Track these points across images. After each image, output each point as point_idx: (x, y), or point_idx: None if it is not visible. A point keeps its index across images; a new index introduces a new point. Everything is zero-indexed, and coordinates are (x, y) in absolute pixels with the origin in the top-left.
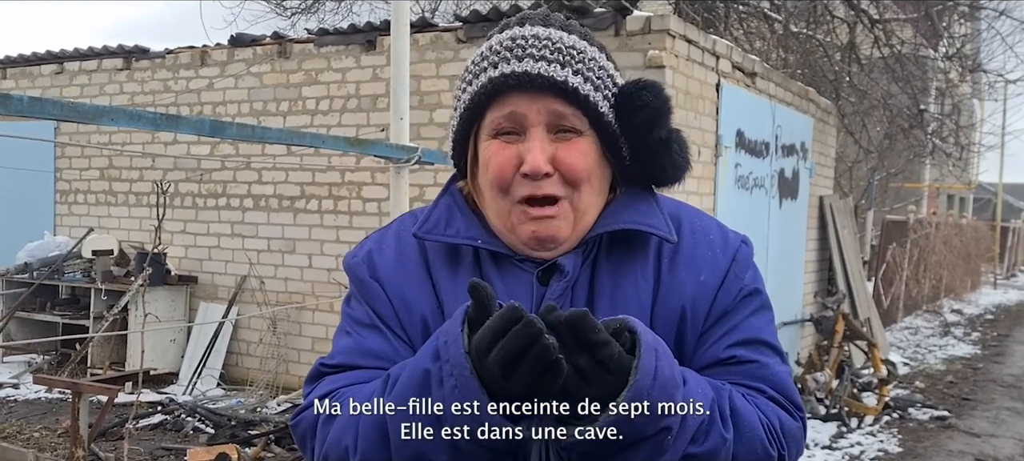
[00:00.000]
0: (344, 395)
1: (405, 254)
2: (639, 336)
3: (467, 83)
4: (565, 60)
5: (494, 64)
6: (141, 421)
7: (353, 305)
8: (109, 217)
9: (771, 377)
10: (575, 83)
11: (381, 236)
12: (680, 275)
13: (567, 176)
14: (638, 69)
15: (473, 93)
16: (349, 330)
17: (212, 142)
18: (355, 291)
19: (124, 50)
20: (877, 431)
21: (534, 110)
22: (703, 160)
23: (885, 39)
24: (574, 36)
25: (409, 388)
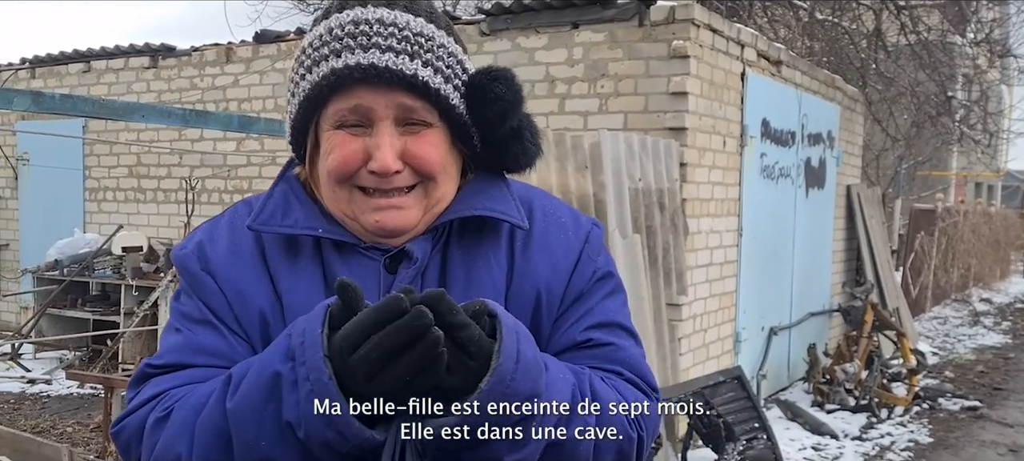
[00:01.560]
0: (175, 397)
1: (239, 245)
2: (499, 318)
3: (306, 68)
4: (414, 50)
5: (336, 52)
6: None
7: (183, 300)
8: (138, 214)
9: (628, 359)
10: (425, 76)
11: (213, 226)
12: (533, 258)
13: (420, 169)
14: (663, 60)
15: (313, 83)
16: (179, 327)
17: (238, 138)
18: (185, 285)
19: (151, 48)
20: (907, 421)
21: (382, 104)
22: (728, 150)
23: (912, 25)
24: (421, 20)
25: (256, 390)
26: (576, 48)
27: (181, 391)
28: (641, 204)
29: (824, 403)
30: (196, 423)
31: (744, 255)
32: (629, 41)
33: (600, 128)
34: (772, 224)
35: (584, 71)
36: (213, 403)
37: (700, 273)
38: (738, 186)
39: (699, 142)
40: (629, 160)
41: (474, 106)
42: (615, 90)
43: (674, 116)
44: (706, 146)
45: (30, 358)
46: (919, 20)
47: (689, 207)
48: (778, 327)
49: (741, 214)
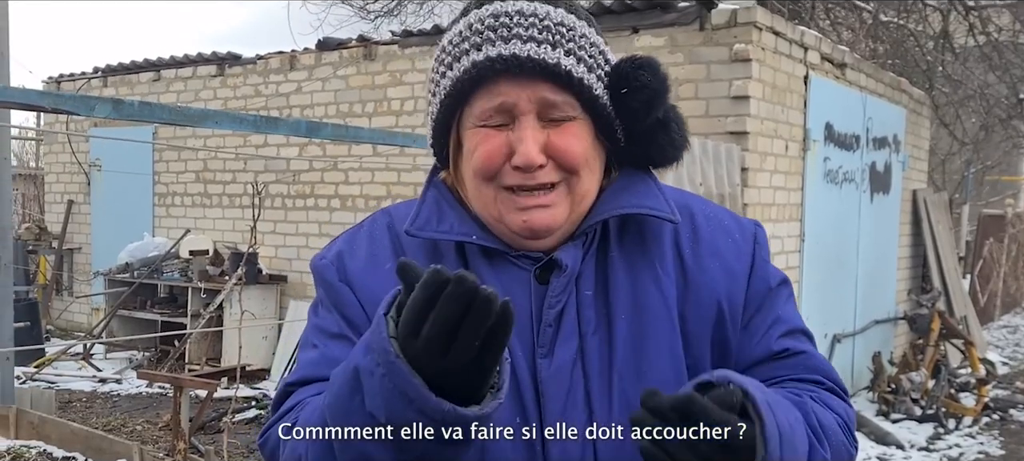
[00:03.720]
0: (303, 407)
1: (378, 256)
2: (749, 392)
3: (446, 66)
4: (556, 39)
5: (477, 46)
6: (236, 416)
7: (321, 314)
8: (204, 218)
9: (821, 367)
10: (568, 65)
11: (352, 236)
12: (706, 265)
13: (563, 163)
14: (724, 63)
15: (455, 79)
16: (315, 342)
17: (300, 144)
18: (323, 296)
19: (218, 57)
20: (976, 433)
21: (524, 97)
22: (791, 154)
23: (981, 26)
24: (561, 10)
25: (343, 386)
26: (636, 53)
27: (310, 401)
28: None
29: (889, 413)
30: (310, 429)
31: (807, 261)
32: (690, 45)
33: None
34: (836, 229)
35: None
36: (318, 405)
37: None
38: (801, 191)
39: (761, 146)
40: (690, 165)
41: (618, 96)
42: (675, 94)
43: (735, 120)
44: (768, 150)
45: (101, 358)
46: (989, 20)
47: (751, 212)
48: (842, 334)
49: (804, 219)
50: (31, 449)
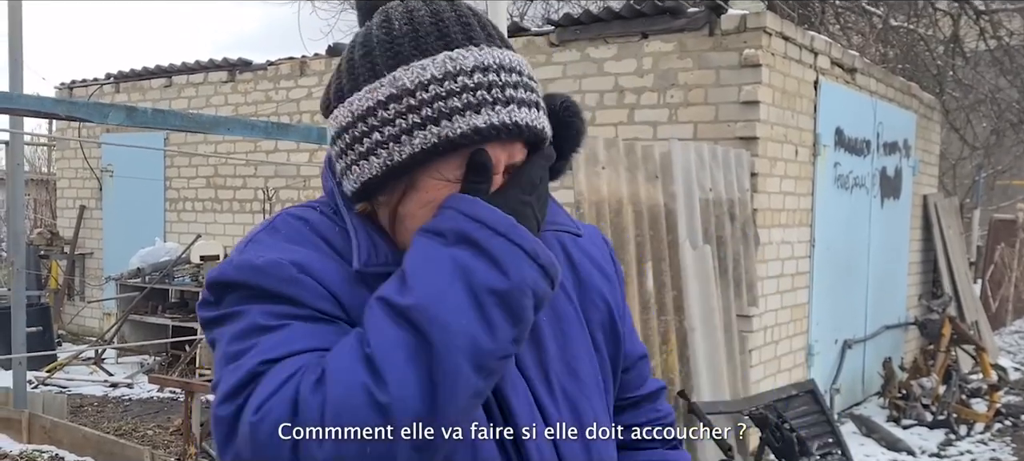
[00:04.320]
0: (322, 362)
1: (322, 250)
2: None
3: (426, 118)
4: (537, 98)
5: (473, 106)
6: None
7: (253, 312)
8: (215, 224)
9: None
10: (547, 127)
11: (274, 244)
12: (591, 271)
13: None
14: (733, 69)
15: (447, 138)
16: (269, 324)
17: (311, 150)
18: (266, 291)
19: (228, 63)
20: (988, 439)
21: (503, 158)
22: (801, 160)
23: (992, 31)
24: (510, 52)
25: (439, 277)
26: (645, 58)
27: (325, 357)
28: (712, 214)
29: (900, 419)
30: (371, 353)
31: (817, 266)
32: (699, 50)
33: (670, 138)
34: (846, 235)
35: (654, 81)
36: (386, 326)
37: (771, 284)
38: (811, 196)
39: (771, 151)
40: (699, 170)
41: (557, 135)
42: (685, 100)
43: (745, 125)
44: (778, 155)
45: (112, 363)
46: (1000, 25)
47: (760, 217)
48: (852, 340)
49: (814, 224)
50: (43, 454)
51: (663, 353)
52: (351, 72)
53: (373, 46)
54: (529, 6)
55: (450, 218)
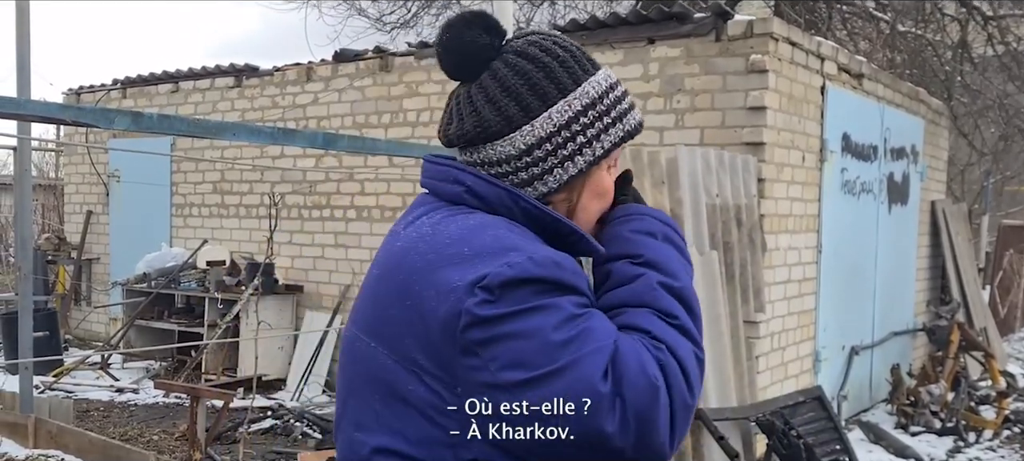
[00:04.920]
0: (664, 336)
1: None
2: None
3: (614, 117)
4: None
5: (632, 106)
6: (253, 426)
7: (564, 301)
8: (221, 229)
9: None
10: None
11: (519, 242)
12: None
13: None
14: (740, 74)
15: (628, 130)
16: (581, 313)
17: (317, 155)
18: (570, 284)
19: (235, 69)
20: (997, 446)
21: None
22: (808, 165)
23: (1000, 36)
24: None
25: (679, 266)
26: (652, 63)
27: (652, 338)
28: (718, 220)
29: (908, 425)
30: (684, 324)
31: (824, 272)
32: (706, 56)
33: (677, 144)
34: (853, 241)
35: (660, 86)
36: (675, 305)
37: (778, 290)
38: (818, 202)
39: (777, 157)
40: (706, 175)
41: None
42: (691, 105)
43: (752, 131)
44: (785, 161)
45: (118, 368)
46: (1007, 30)
47: (767, 223)
48: (860, 346)
49: (821, 230)
50: (49, 459)
51: None
52: (533, 94)
53: (551, 71)
54: (536, 11)
55: (651, 223)
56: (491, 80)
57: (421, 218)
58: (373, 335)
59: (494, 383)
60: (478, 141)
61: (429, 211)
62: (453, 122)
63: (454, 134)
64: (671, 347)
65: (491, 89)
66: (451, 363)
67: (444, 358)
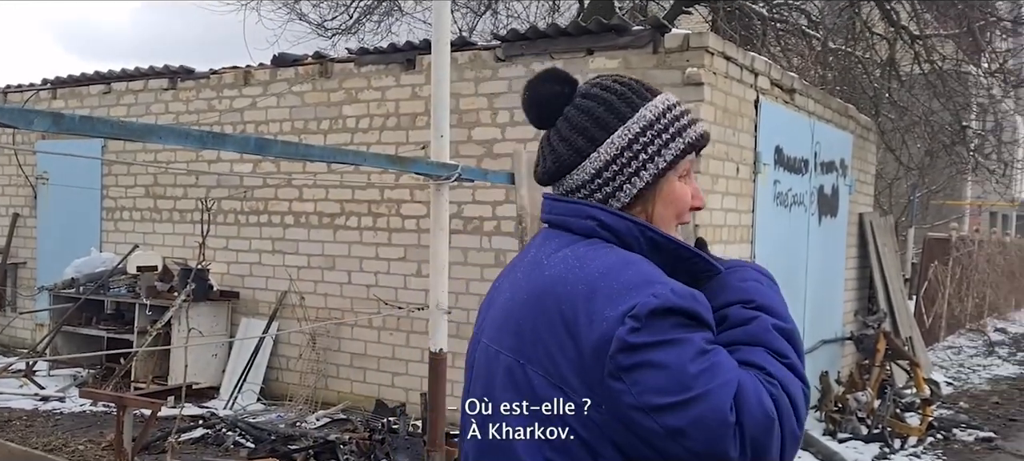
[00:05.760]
0: (773, 379)
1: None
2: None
3: (672, 133)
4: None
5: (693, 121)
6: (183, 435)
7: (696, 336)
8: (153, 234)
9: None
10: None
11: (660, 276)
12: None
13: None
14: (677, 87)
15: (689, 142)
16: (710, 349)
17: (254, 160)
18: (699, 317)
19: (170, 71)
20: (921, 452)
21: (697, 162)
22: (742, 177)
23: (926, 55)
24: None
25: (778, 303)
26: (590, 74)
27: (766, 375)
28: None
29: (836, 432)
30: (795, 363)
31: None
32: (643, 68)
33: None
34: (785, 251)
35: None
36: (785, 345)
37: None
38: (751, 213)
39: (712, 169)
40: None
41: None
42: None
43: None
44: (719, 173)
45: (44, 375)
46: (933, 50)
47: (702, 233)
48: None
49: (754, 241)
50: None
51: None
52: (597, 126)
53: (610, 103)
54: (478, 20)
55: (755, 273)
56: (563, 122)
57: (564, 250)
58: (522, 355)
59: (636, 405)
60: (558, 175)
61: (568, 243)
62: (539, 164)
63: (540, 173)
64: (783, 384)
65: (563, 129)
66: (599, 384)
67: (593, 379)
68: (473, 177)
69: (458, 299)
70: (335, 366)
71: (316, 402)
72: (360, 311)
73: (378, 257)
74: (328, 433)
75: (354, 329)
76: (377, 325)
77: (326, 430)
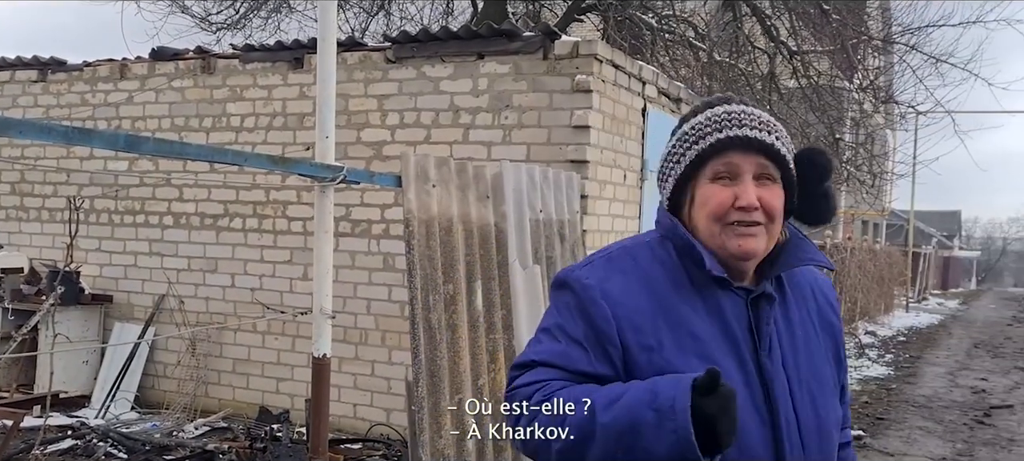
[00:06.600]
0: (551, 389)
1: (632, 288)
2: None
3: (691, 142)
4: (770, 130)
5: (718, 129)
6: (49, 446)
7: (564, 315)
8: (20, 233)
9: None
10: (778, 145)
11: (607, 266)
12: (830, 313)
13: (768, 211)
14: (566, 93)
15: (700, 150)
16: (558, 337)
17: (130, 158)
18: (574, 303)
19: (39, 62)
20: None
21: (747, 163)
22: (629, 184)
23: (803, 70)
24: (767, 114)
25: (625, 421)
26: (481, 79)
27: (555, 386)
28: (542, 235)
29: None
30: (570, 420)
31: None
32: (533, 74)
33: (503, 159)
34: None
35: (489, 102)
36: (591, 410)
37: None
38: (638, 219)
39: (600, 175)
40: (531, 191)
41: (801, 170)
42: (519, 122)
43: (576, 149)
44: (607, 179)
45: None
46: (810, 65)
47: (590, 239)
48: None
49: None
50: None
51: (491, 371)
52: (665, 145)
53: (674, 127)
54: (371, 21)
55: (649, 391)
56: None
57: None
58: None
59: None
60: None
61: None
62: None
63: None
64: (538, 417)
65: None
66: None
67: None
68: (360, 179)
69: (346, 303)
70: (216, 372)
71: (195, 410)
72: (243, 315)
73: (263, 260)
74: (207, 442)
75: (237, 334)
76: (262, 329)
77: (205, 439)
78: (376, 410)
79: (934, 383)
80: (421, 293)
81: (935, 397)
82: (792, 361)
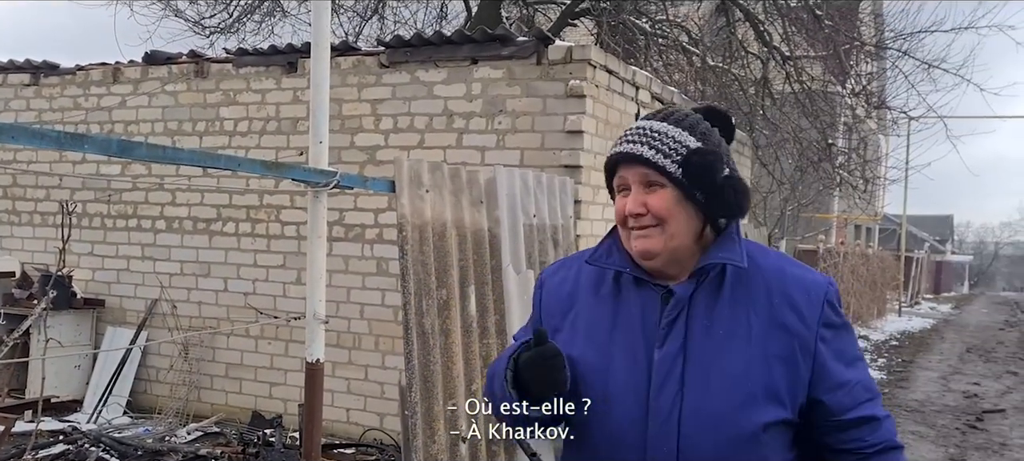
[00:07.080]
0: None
1: (566, 278)
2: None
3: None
4: (647, 140)
5: (617, 143)
6: (41, 451)
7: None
8: (12, 237)
9: (888, 438)
10: (648, 155)
11: (562, 262)
12: (785, 313)
13: (654, 213)
14: (560, 98)
15: (605, 167)
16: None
17: (123, 162)
18: (533, 294)
19: (32, 65)
20: None
21: (632, 174)
22: None
23: (796, 75)
24: (668, 124)
25: (493, 370)
26: (475, 84)
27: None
28: (536, 240)
29: None
30: (488, 372)
31: None
32: (527, 79)
33: (497, 164)
34: None
35: (482, 107)
36: (494, 364)
37: None
38: None
39: (594, 180)
40: (524, 196)
41: (689, 169)
42: (512, 126)
43: (569, 154)
44: (600, 184)
45: None
46: (803, 70)
47: (583, 243)
48: None
49: None
50: None
51: (484, 376)
52: None
53: None
54: (365, 25)
55: (509, 353)
56: None
57: None
58: None
59: None
60: None
61: None
62: None
63: None
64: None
65: None
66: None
67: None
68: (353, 184)
69: (339, 308)
70: (209, 377)
71: (188, 415)
72: (236, 320)
73: (256, 264)
74: (199, 447)
75: (230, 339)
76: (255, 334)
77: (197, 444)
78: (369, 415)
79: (927, 388)
80: (414, 298)
81: (928, 402)
82: (697, 351)
